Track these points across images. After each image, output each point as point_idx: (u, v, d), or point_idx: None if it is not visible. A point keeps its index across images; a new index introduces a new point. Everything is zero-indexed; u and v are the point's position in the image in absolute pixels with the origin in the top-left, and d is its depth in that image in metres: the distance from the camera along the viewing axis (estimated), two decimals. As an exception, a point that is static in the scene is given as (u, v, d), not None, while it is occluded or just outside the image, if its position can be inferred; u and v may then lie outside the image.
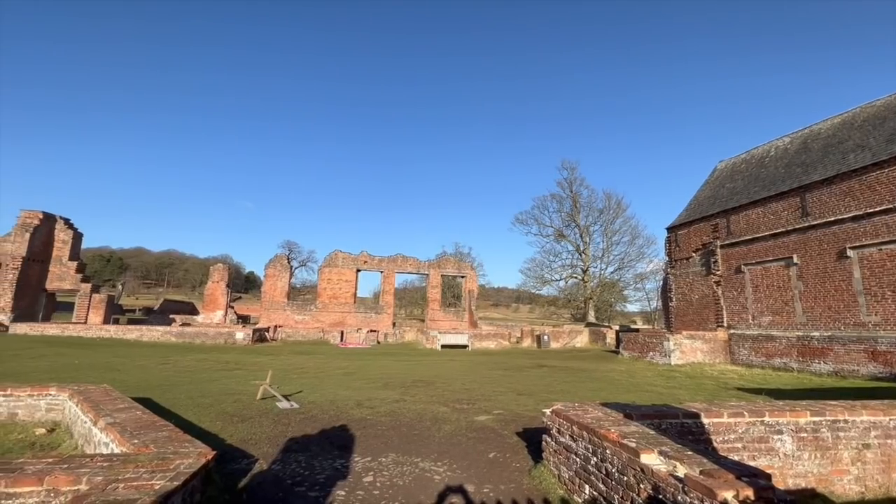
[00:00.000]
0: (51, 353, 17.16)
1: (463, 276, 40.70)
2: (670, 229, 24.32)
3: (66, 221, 35.36)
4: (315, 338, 32.07)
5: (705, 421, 4.97)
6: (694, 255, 22.35)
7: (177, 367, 14.57)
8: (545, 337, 30.38)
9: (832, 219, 16.09)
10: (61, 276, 34.25)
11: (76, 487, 3.22)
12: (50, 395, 7.07)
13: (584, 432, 4.53)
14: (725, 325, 20.05)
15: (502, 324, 45.89)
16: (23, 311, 30.81)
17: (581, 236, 51.82)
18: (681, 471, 3.21)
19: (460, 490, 4.83)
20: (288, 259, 38.97)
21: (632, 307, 65.37)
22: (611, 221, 51.22)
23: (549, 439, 5.39)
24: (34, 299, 32.67)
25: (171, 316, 44.04)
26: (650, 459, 3.49)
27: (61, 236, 34.70)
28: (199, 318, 43.34)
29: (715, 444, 4.88)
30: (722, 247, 20.65)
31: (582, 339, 31.94)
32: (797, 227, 17.24)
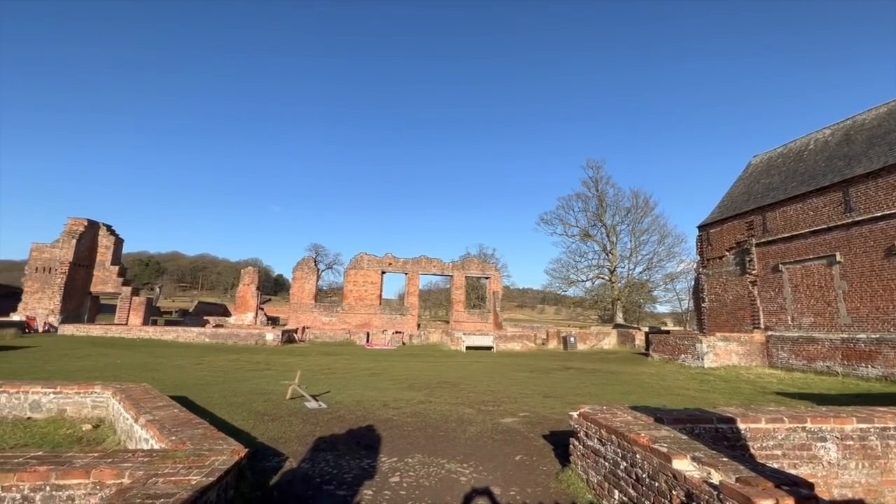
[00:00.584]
0: (95, 353, 18.08)
1: (487, 278, 40.54)
2: (702, 227, 23.51)
3: (109, 228, 37.23)
4: (342, 339, 32.60)
5: (741, 426, 4.78)
6: (727, 253, 21.54)
7: (211, 367, 15.09)
8: (571, 339, 29.89)
9: (878, 214, 15.18)
10: (104, 279, 36.07)
11: (119, 481, 3.38)
12: (95, 392, 7.45)
13: (613, 436, 4.44)
14: (762, 326, 19.21)
15: (527, 325, 45.43)
16: (70, 314, 32.60)
17: (608, 236, 50.75)
18: (715, 477, 3.10)
19: (487, 492, 4.81)
20: (315, 262, 39.78)
21: (662, 308, 63.56)
22: (638, 220, 49.97)
23: (576, 443, 5.30)
24: (80, 302, 34.51)
25: (205, 317, 45.69)
26: (683, 465, 3.38)
27: (104, 242, 36.56)
28: (231, 320, 44.80)
29: (752, 451, 4.68)
30: (758, 245, 19.81)
31: (610, 341, 31.25)
32: (840, 223, 16.36)
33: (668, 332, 29.42)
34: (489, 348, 28.30)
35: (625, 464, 4.16)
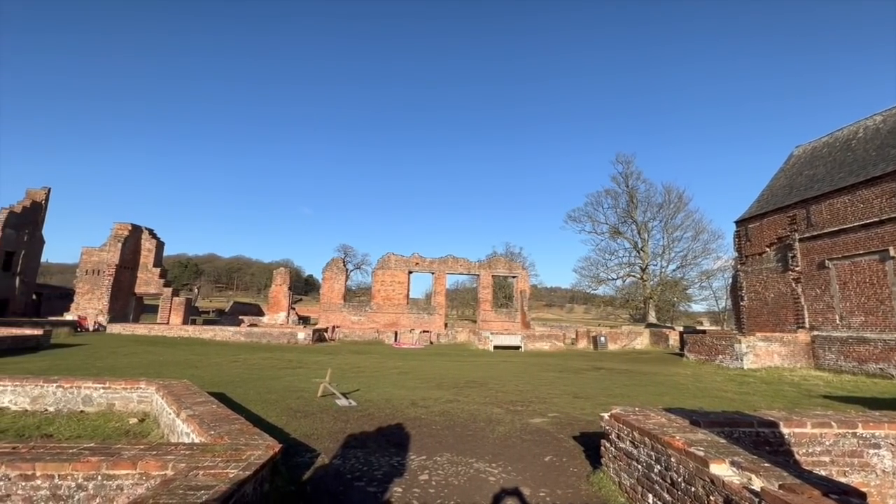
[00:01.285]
0: (140, 351, 19.06)
1: (514, 277, 40.21)
2: (739, 223, 22.52)
3: (151, 232, 39.13)
4: (370, 338, 33.09)
5: (785, 431, 4.56)
6: (768, 249, 20.54)
7: (246, 365, 15.63)
8: (602, 338, 29.25)
9: (938, 205, 14.13)
10: (147, 281, 37.95)
11: (164, 472, 3.56)
12: (140, 388, 7.86)
13: (646, 438, 4.32)
14: (807, 326, 18.22)
15: (556, 325, 44.78)
16: (117, 313, 34.48)
17: (639, 233, 49.35)
18: (756, 484, 2.97)
19: (516, 493, 4.78)
20: (343, 262, 40.53)
21: (697, 307, 61.19)
22: (671, 216, 48.34)
23: (607, 444, 5.19)
24: (126, 302, 36.44)
25: (240, 317, 47.34)
26: (721, 470, 3.25)
27: (146, 245, 38.46)
28: (265, 319, 46.23)
29: (797, 457, 4.45)
30: (801, 240, 18.80)
31: (642, 341, 30.40)
32: (894, 215, 15.31)
33: (704, 331, 28.33)
34: (517, 348, 28.06)
35: (659, 467, 4.05)
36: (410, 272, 38.33)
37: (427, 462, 5.63)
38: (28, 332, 19.43)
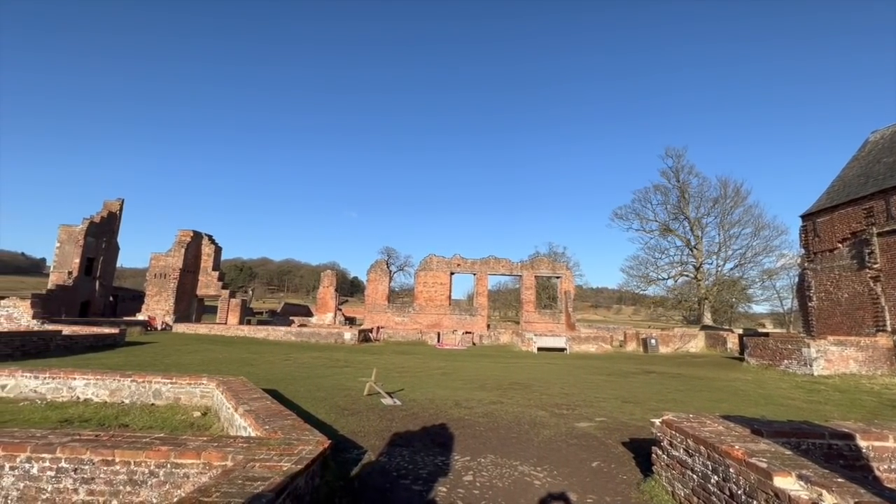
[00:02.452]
0: (202, 349, 20.41)
1: (558, 277, 39.33)
2: (807, 217, 20.80)
3: (210, 237, 41.82)
4: (414, 338, 33.54)
5: (863, 444, 4.17)
6: (840, 245, 18.82)
7: (296, 364, 16.32)
8: (652, 341, 27.97)
9: None
10: (207, 283, 40.58)
11: (224, 463, 3.80)
12: (202, 384, 8.43)
13: (702, 447, 4.10)
14: (888, 329, 16.51)
15: (603, 326, 43.31)
16: (181, 314, 37.12)
17: (692, 230, 46.74)
18: (828, 500, 2.74)
19: (562, 497, 4.69)
20: (387, 264, 41.38)
21: (758, 308, 56.98)
22: (728, 211, 45.37)
23: (659, 452, 4.97)
24: (189, 303, 39.15)
25: (291, 317, 49.52)
26: (786, 483, 3.03)
27: (206, 250, 41.13)
28: (313, 320, 48.07)
29: (877, 474, 4.06)
30: (880, 234, 17.07)
31: (697, 344, 28.77)
32: None
33: (766, 334, 26.36)
34: (562, 350, 27.42)
35: (716, 478, 3.83)
36: (452, 273, 38.47)
37: (471, 463, 5.64)
38: (107, 330, 21.36)
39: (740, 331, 32.74)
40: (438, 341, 32.05)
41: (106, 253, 39.20)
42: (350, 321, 50.40)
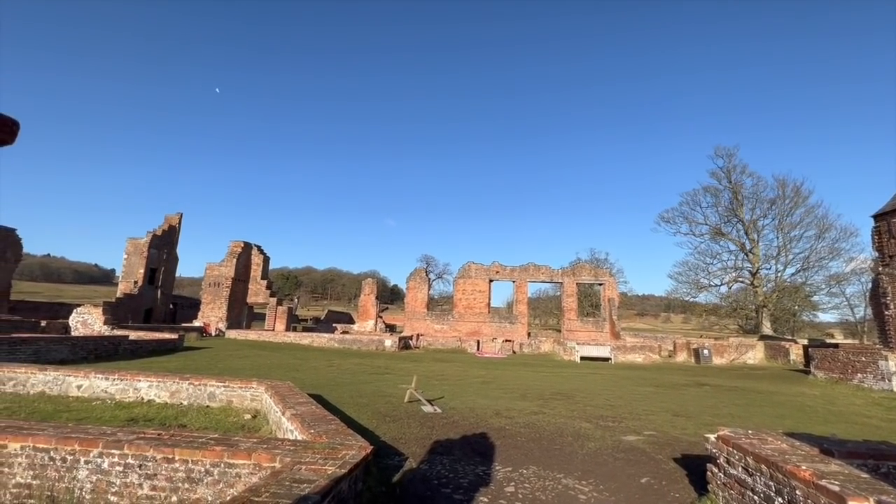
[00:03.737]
0: (252, 354, 21.38)
1: (601, 284, 38.13)
2: (879, 216, 19.02)
3: (259, 248, 43.94)
4: (453, 346, 33.52)
5: (954, 469, 3.73)
6: (921, 248, 17.05)
7: (339, 370, 16.74)
8: (705, 351, 26.42)
9: None
10: (256, 291, 42.56)
11: (273, 465, 3.95)
12: (252, 388, 8.82)
13: (763, 466, 3.81)
14: (984, 340, 14.72)
15: (650, 335, 41.44)
16: (233, 320, 39.09)
17: (746, 233, 43.91)
18: (914, 530, 2.47)
19: (609, 514, 4.50)
20: (426, 272, 41.75)
21: (825, 317, 52.41)
22: (787, 213, 42.26)
23: (715, 469, 4.67)
24: (240, 311, 41.17)
25: (334, 325, 50.91)
26: (863, 510, 2.76)
27: (256, 260, 43.20)
28: (355, 327, 49.19)
29: (974, 503, 3.61)
30: (969, 235, 15.33)
31: (755, 355, 26.89)
32: None
33: (836, 345, 24.22)
34: (606, 359, 26.46)
35: (780, 500, 3.55)
36: (491, 281, 38.23)
37: (513, 474, 5.54)
38: (167, 336, 22.87)
39: (805, 341, 30.28)
40: (478, 349, 31.85)
41: (167, 263, 42.07)
42: (390, 328, 51.13)
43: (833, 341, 35.07)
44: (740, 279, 44.78)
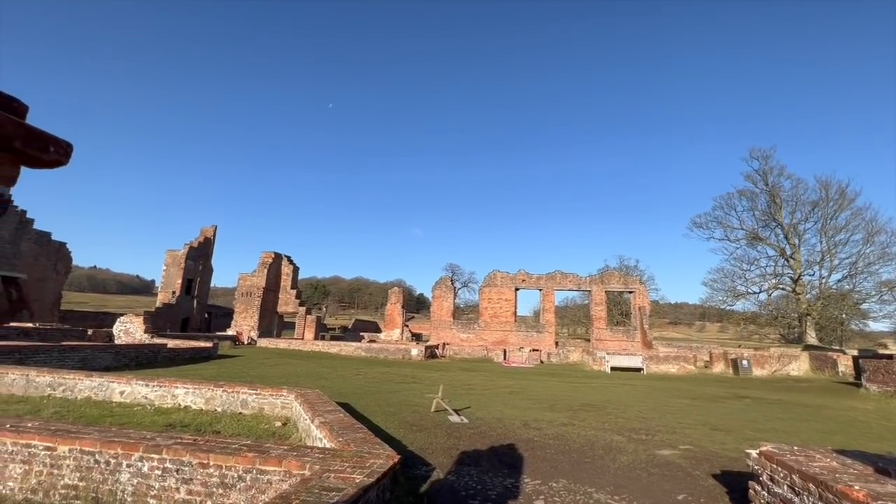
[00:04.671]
0: (282, 363, 21.86)
1: (630, 292, 37.10)
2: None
3: (289, 258, 45.12)
4: (479, 356, 33.26)
5: None
6: (984, 251, 15.82)
7: (367, 378, 16.88)
8: (744, 362, 25.22)
9: None
10: (286, 301, 43.62)
11: (302, 472, 4.01)
12: (283, 395, 9.01)
13: (811, 485, 3.59)
14: None
15: (684, 345, 39.94)
16: (264, 329, 40.14)
17: (786, 237, 41.91)
18: None
19: (643, 532, 4.33)
20: (451, 281, 41.73)
21: (878, 326, 49.04)
22: (832, 216, 40.08)
23: (758, 487, 4.44)
24: (270, 320, 42.25)
25: (361, 333, 51.50)
26: (925, 535, 2.55)
27: (286, 270, 44.35)
28: (382, 336, 49.57)
29: None
30: None
31: (799, 366, 25.46)
32: None
33: (890, 356, 22.64)
34: (638, 370, 25.65)
35: (831, 522, 3.32)
36: (517, 289, 37.85)
37: (542, 487, 5.42)
38: (202, 344, 23.69)
39: (854, 352, 28.49)
40: (504, 359, 31.49)
41: (202, 274, 43.75)
42: (416, 337, 51.27)
43: (887, 352, 32.81)
44: (781, 286, 42.69)
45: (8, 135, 1.05)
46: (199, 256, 43.26)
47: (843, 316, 42.91)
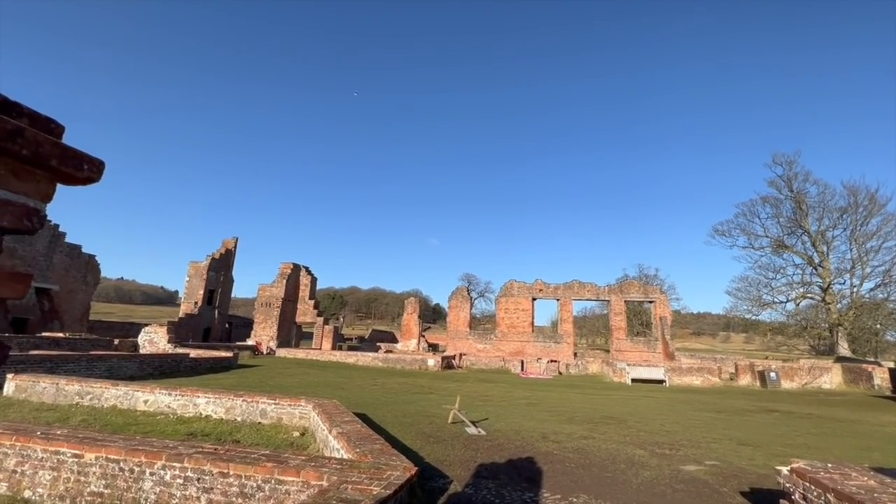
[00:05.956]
0: (300, 373, 22.05)
1: (651, 302, 36.33)
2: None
3: (307, 269, 45.73)
4: (496, 366, 32.94)
5: None
6: None
7: (384, 389, 16.87)
8: (772, 374, 24.33)
9: None
10: (304, 311, 44.12)
11: (320, 483, 4.02)
12: (301, 406, 9.07)
13: (847, 505, 3.42)
14: None
15: (707, 356, 38.79)
16: (283, 339, 40.63)
17: (813, 245, 40.53)
18: None
19: (669, 551, 4.18)
20: (468, 290, 41.62)
21: (916, 336, 46.87)
22: (862, 222, 38.64)
23: (790, 507, 4.24)
24: (289, 330, 42.75)
25: (378, 344, 51.63)
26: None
27: (304, 281, 44.94)
28: (398, 346, 49.60)
29: None
30: None
31: (831, 379, 24.42)
32: None
33: (929, 369, 21.53)
34: (660, 382, 24.99)
35: (870, 545, 3.15)
36: (534, 299, 37.49)
37: (562, 502, 5.29)
38: (223, 354, 24.11)
39: (891, 364, 27.21)
40: (522, 369, 31.10)
41: (223, 285, 44.67)
42: (433, 347, 51.14)
43: (926, 364, 31.21)
44: (809, 295, 41.19)
45: (46, 154, 1.11)
46: (221, 268, 44.21)
47: (878, 326, 41.05)
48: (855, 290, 39.36)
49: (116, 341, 25.81)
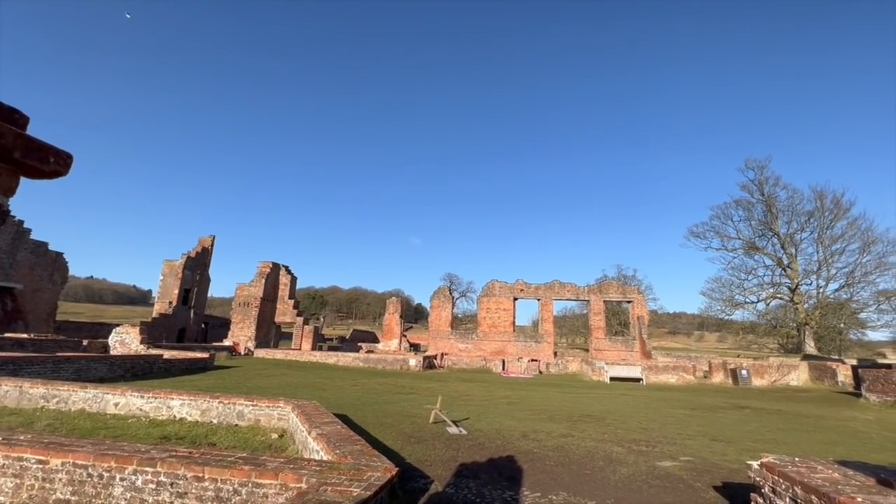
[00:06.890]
0: (279, 374, 21.67)
1: (629, 302, 37.09)
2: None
3: (286, 268, 45.00)
4: (478, 366, 33.06)
5: None
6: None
7: (364, 389, 16.74)
8: (744, 372, 25.14)
9: None
10: (283, 311, 43.41)
11: (299, 485, 3.95)
12: (279, 407, 8.91)
13: (814, 497, 3.56)
14: None
15: (683, 355, 39.80)
16: (261, 340, 39.85)
17: (783, 247, 42.09)
18: None
19: (645, 545, 4.27)
20: (450, 291, 41.62)
21: (876, 335, 48.96)
22: (827, 226, 40.31)
23: (760, 500, 4.39)
24: (268, 330, 41.97)
25: (359, 344, 51.20)
26: (929, 548, 2.52)
27: (283, 280, 44.21)
28: (380, 346, 49.29)
29: None
30: None
31: (798, 376, 25.38)
32: None
33: (889, 365, 22.62)
34: (637, 380, 25.53)
35: (834, 535, 3.29)
36: (515, 299, 37.80)
37: (541, 500, 5.35)
38: (199, 355, 23.48)
39: (854, 361, 28.49)
40: (503, 369, 31.30)
41: (200, 284, 43.56)
42: (415, 347, 50.99)
43: (886, 361, 32.78)
44: (779, 295, 42.75)
45: (8, 146, 1.05)
46: (197, 266, 43.09)
47: (842, 325, 42.93)
48: (821, 290, 41.05)
49: (85, 342, 24.83)
